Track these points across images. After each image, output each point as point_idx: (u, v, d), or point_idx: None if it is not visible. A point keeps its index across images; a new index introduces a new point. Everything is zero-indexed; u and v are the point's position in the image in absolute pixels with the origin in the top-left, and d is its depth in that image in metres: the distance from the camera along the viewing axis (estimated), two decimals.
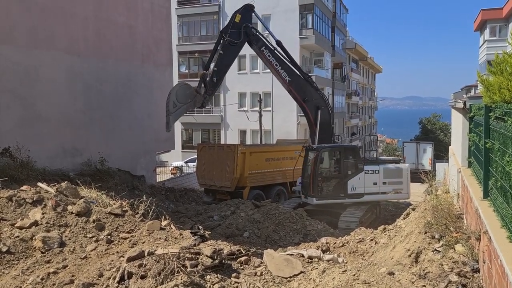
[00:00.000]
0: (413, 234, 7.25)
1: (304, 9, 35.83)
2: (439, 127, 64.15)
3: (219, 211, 13.36)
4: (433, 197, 8.19)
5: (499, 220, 4.78)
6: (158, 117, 18.05)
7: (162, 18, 18.68)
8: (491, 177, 5.58)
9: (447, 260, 5.55)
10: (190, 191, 19.87)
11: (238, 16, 15.27)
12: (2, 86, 12.06)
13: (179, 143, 37.75)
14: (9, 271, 6.76)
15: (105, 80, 15.57)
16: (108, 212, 8.41)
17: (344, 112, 48.87)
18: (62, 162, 13.36)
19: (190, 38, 40.55)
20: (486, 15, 38.05)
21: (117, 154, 15.61)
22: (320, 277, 5.99)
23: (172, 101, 13.97)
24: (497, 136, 5.27)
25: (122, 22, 16.29)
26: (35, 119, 12.96)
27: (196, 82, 43.19)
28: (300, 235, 11.53)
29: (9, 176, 9.87)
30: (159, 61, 18.50)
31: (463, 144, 8.49)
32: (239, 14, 15.40)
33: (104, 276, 6.17)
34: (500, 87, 5.71)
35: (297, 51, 35.86)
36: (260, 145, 27.53)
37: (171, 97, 14.13)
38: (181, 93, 14.42)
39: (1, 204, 8.23)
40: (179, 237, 7.62)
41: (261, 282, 6.16)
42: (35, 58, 12.93)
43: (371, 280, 5.40)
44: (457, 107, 9.52)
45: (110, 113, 15.81)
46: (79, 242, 7.55)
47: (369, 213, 16.14)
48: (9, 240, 7.29)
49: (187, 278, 5.66)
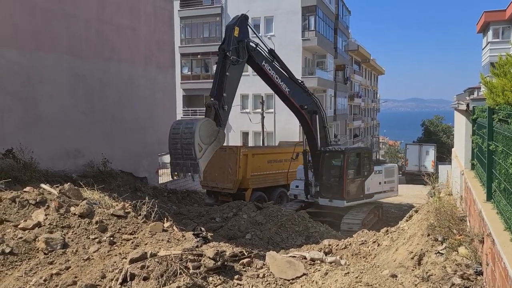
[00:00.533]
0: (416, 237, 7.23)
1: (306, 11, 35.84)
2: (442, 129, 64.03)
3: (221, 213, 13.35)
4: (436, 199, 8.17)
5: (502, 222, 4.77)
6: (160, 119, 18.10)
7: (164, 21, 18.72)
8: (495, 179, 5.57)
9: (450, 263, 5.53)
10: (192, 192, 19.88)
11: (236, 29, 13.22)
12: (5, 89, 12.11)
13: None
14: (12, 272, 6.78)
15: (108, 82, 15.61)
16: (110, 213, 8.43)
17: (346, 114, 48.81)
18: (64, 164, 13.39)
19: (193, 40, 40.61)
20: (489, 17, 38.02)
21: (119, 156, 15.64)
22: (323, 279, 5.98)
23: (197, 143, 11.12)
24: (501, 138, 5.26)
25: (124, 25, 16.33)
26: (38, 121, 13.00)
27: (199, 84, 43.17)
28: (303, 237, 11.52)
29: (12, 178, 9.91)
30: (162, 63, 18.54)
31: (466, 146, 8.47)
32: (237, 27, 13.33)
33: (107, 278, 6.17)
34: (504, 89, 5.71)
35: (299, 53, 35.92)
36: (262, 147, 27.55)
37: (196, 140, 11.12)
38: (204, 134, 11.37)
39: (5, 205, 8.25)
40: (181, 239, 7.62)
41: (263, 284, 6.15)
42: (37, 60, 12.97)
43: (373, 283, 5.39)
44: (460, 109, 9.50)
45: (112, 115, 15.84)
46: (82, 244, 7.56)
47: (371, 215, 16.14)
48: (12, 241, 7.31)
49: (189, 279, 5.66)
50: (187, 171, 11.45)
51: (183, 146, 11.29)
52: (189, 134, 11.17)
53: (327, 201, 15.72)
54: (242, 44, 13.30)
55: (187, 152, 11.25)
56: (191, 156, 11.20)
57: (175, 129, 11.67)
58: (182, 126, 11.56)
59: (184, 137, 11.29)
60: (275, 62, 14.90)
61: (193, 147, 11.06)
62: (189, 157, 11.25)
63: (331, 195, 15.67)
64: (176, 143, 11.46)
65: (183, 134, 11.30)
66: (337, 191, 15.56)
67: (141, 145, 17.17)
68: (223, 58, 12.71)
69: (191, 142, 11.12)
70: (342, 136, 45.07)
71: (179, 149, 11.39)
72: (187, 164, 11.33)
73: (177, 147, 11.46)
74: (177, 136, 11.45)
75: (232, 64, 12.77)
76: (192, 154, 11.14)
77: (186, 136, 11.25)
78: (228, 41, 12.91)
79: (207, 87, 40.58)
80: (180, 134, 11.37)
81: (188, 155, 11.25)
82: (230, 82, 12.77)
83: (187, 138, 11.23)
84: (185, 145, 11.25)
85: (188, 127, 11.39)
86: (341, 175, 15.53)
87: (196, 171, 11.24)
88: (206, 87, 40.32)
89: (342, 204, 15.44)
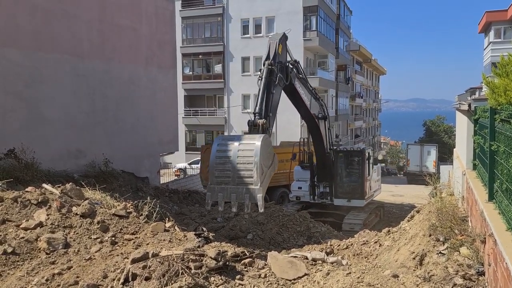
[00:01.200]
0: (418, 237, 7.23)
1: (308, 11, 35.86)
2: (443, 129, 64.06)
3: (222, 213, 13.35)
4: (438, 199, 8.16)
5: (504, 223, 4.76)
6: (162, 119, 18.10)
7: (166, 21, 18.72)
8: (496, 180, 5.56)
9: (452, 263, 5.52)
10: (194, 193, 19.86)
11: (280, 46, 12.31)
12: (7, 89, 12.11)
13: (183, 145, 37.82)
14: (14, 272, 6.79)
15: (109, 83, 15.61)
16: (112, 213, 8.44)
17: (348, 114, 48.81)
18: (66, 164, 13.39)
19: (194, 40, 40.65)
20: (490, 17, 38.00)
21: (121, 156, 15.63)
22: (324, 280, 5.98)
23: (261, 164, 9.00)
24: (503, 139, 5.26)
25: (126, 25, 16.33)
26: (40, 121, 13.01)
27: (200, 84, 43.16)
28: (304, 237, 11.51)
29: (14, 178, 9.92)
30: (163, 64, 18.53)
31: (467, 147, 8.46)
32: (281, 44, 12.43)
33: (109, 278, 6.18)
34: (506, 89, 5.70)
35: (301, 53, 35.90)
36: None
37: (260, 159, 8.99)
38: (264, 154, 9.22)
39: (6, 205, 8.26)
40: (183, 239, 7.63)
41: (265, 284, 6.15)
42: (39, 60, 12.97)
43: (375, 283, 5.38)
44: (462, 109, 9.49)
45: (114, 115, 15.84)
46: (84, 243, 7.58)
47: (372, 215, 16.18)
48: (14, 241, 7.32)
49: (191, 280, 5.66)
50: (239, 198, 9.05)
51: (238, 167, 9.02)
52: (250, 151, 9.02)
53: (345, 201, 15.67)
54: (281, 65, 12.26)
55: (245, 174, 9.00)
56: (249, 180, 8.94)
57: (222, 146, 9.40)
58: (236, 142, 9.35)
59: (242, 154, 9.07)
60: (301, 75, 13.94)
61: (255, 169, 8.89)
62: (244, 182, 8.99)
63: (350, 194, 15.63)
64: (225, 163, 9.16)
65: (240, 151, 9.11)
66: (356, 191, 15.56)
67: (143, 145, 17.18)
68: (268, 75, 11.42)
69: (253, 161, 8.93)
70: (343, 136, 45.07)
71: (229, 170, 9.11)
72: (240, 190, 8.98)
73: (226, 167, 9.16)
74: (228, 154, 9.20)
75: (278, 84, 11.69)
76: (252, 177, 8.91)
77: (245, 154, 9.06)
78: (274, 56, 11.79)
79: (209, 87, 40.89)
80: (233, 152, 9.14)
81: (245, 178, 8.99)
82: (274, 102, 11.52)
83: (246, 156, 9.03)
84: (242, 165, 9.00)
85: (248, 143, 9.27)
86: (360, 175, 15.54)
87: (254, 199, 8.87)
88: (207, 87, 40.43)
89: (362, 204, 15.50)
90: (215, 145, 9.44)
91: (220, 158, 9.21)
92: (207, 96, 41.46)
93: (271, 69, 11.38)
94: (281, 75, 11.84)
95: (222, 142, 9.52)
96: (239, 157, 9.02)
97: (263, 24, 37.38)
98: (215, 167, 9.23)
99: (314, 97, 15.10)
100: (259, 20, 37.47)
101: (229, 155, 9.11)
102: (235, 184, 9.00)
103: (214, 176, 9.20)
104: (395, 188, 29.67)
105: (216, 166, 9.22)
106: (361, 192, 15.44)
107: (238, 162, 9.00)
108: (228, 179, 9.08)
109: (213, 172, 9.24)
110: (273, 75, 11.42)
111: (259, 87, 11.24)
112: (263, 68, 11.47)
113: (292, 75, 12.95)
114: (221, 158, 9.21)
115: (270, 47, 12.00)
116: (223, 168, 9.17)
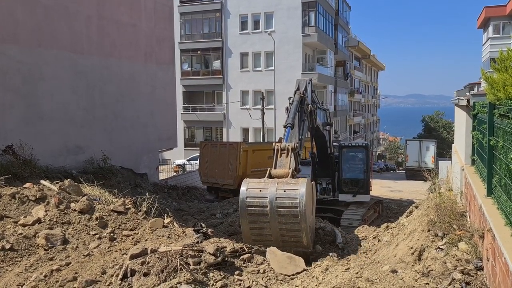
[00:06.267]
0: (416, 232, 7.23)
1: (306, 7, 35.77)
2: (442, 125, 64.10)
3: (221, 208, 13.35)
4: (436, 195, 8.17)
5: (503, 218, 4.77)
6: (161, 115, 18.08)
7: (165, 17, 18.67)
8: (495, 175, 5.56)
9: (451, 258, 5.53)
10: (193, 189, 19.89)
11: (310, 83, 12.23)
12: (6, 85, 12.08)
13: (182, 141, 37.79)
14: (12, 268, 6.79)
15: (108, 79, 15.58)
16: (111, 209, 8.43)
17: (346, 110, 48.77)
18: (65, 160, 13.38)
19: (193, 36, 40.54)
20: (489, 12, 37.96)
21: (119, 152, 15.63)
22: (323, 275, 5.98)
23: (309, 226, 7.55)
24: (501, 134, 5.25)
25: (125, 21, 16.29)
26: (39, 118, 12.98)
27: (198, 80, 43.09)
28: None
29: (12, 174, 9.90)
30: (162, 60, 18.49)
31: (466, 142, 8.46)
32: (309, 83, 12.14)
33: (107, 273, 6.18)
34: (505, 84, 5.70)
35: (299, 49, 35.88)
36: (262, 143, 27.51)
37: (307, 222, 7.28)
38: (309, 206, 7.41)
39: (4, 201, 8.25)
40: (182, 235, 7.62)
41: (264, 279, 6.16)
42: (38, 56, 12.94)
43: (374, 278, 5.39)
44: (461, 105, 9.48)
45: (113, 111, 15.82)
46: (82, 240, 7.57)
47: (371, 211, 16.16)
48: (13, 238, 7.32)
49: (190, 275, 5.66)
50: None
51: (278, 231, 7.29)
52: (294, 211, 7.13)
53: (350, 196, 15.71)
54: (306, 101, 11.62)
55: (291, 239, 7.39)
56: (298, 244, 7.37)
57: (253, 199, 7.34)
58: (269, 196, 7.25)
59: (281, 213, 7.18)
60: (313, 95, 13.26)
61: (303, 234, 7.22)
62: (291, 244, 7.36)
63: (356, 190, 15.67)
64: (262, 222, 7.32)
65: (277, 209, 7.19)
66: (362, 186, 15.60)
67: (141, 141, 17.16)
68: (300, 103, 10.91)
69: (298, 228, 7.19)
70: (342, 132, 45.06)
71: (270, 234, 7.37)
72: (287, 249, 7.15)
73: (264, 225, 7.32)
74: (264, 212, 7.24)
75: (308, 113, 11.30)
76: (299, 242, 7.34)
77: (286, 212, 7.16)
78: (305, 89, 11.52)
79: (207, 83, 40.81)
80: (272, 210, 7.20)
81: (292, 242, 7.39)
82: (304, 128, 10.96)
83: (290, 222, 7.19)
84: (286, 230, 7.29)
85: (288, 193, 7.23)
86: (366, 170, 15.59)
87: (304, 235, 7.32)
88: (206, 83, 40.36)
89: (367, 199, 15.54)
90: (242, 198, 7.40)
91: (250, 215, 7.31)
92: (205, 92, 41.38)
93: (302, 98, 10.97)
94: (311, 106, 11.55)
95: (251, 193, 7.36)
96: (278, 217, 7.20)
97: (262, 20, 37.27)
98: (247, 226, 7.40)
99: (321, 109, 15.02)
100: (258, 16, 37.37)
101: (264, 212, 7.23)
102: (281, 247, 7.13)
103: (251, 240, 7.41)
104: (393, 184, 29.70)
105: (248, 225, 7.39)
106: (366, 187, 15.47)
107: (278, 221, 7.21)
108: (270, 242, 7.30)
109: (248, 236, 7.46)
110: (304, 104, 11.02)
111: (290, 108, 10.76)
112: (294, 96, 11.08)
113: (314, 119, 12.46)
114: (252, 216, 7.30)
115: (299, 84, 11.79)
116: (259, 232, 7.42)
